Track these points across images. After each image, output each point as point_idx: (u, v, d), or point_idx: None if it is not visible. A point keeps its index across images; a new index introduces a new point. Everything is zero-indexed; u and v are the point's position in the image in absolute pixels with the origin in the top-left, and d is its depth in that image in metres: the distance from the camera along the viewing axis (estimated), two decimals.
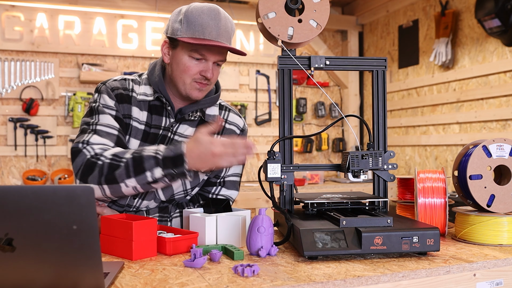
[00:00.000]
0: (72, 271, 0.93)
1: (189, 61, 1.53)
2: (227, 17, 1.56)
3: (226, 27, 1.53)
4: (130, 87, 1.62)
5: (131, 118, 1.59)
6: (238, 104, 4.67)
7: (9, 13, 4.06)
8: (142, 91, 1.61)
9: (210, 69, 1.54)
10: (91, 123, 1.54)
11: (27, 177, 4.02)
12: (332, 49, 5.17)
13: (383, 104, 1.56)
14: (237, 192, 1.77)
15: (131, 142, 1.59)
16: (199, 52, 1.52)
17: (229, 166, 1.41)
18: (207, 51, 1.52)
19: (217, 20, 1.51)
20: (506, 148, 1.50)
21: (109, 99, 1.57)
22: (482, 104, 3.73)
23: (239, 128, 1.74)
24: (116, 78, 1.64)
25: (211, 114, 1.67)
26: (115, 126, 1.54)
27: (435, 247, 1.24)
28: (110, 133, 1.52)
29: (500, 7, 3.28)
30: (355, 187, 4.28)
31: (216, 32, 1.50)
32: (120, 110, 1.57)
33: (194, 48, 1.51)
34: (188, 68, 1.54)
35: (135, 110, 1.59)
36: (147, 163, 1.40)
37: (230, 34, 1.55)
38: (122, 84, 1.61)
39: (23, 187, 0.90)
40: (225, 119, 1.72)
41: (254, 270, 1.09)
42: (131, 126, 1.59)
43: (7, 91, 4.04)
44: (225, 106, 1.75)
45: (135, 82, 1.64)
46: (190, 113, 1.62)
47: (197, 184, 1.67)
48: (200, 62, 1.54)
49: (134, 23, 4.41)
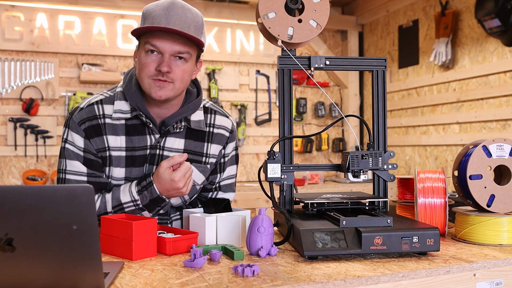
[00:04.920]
0: (72, 271, 0.93)
1: (145, 57, 1.46)
2: (187, 9, 1.47)
3: (182, 16, 1.44)
4: (100, 112, 1.52)
5: (108, 149, 1.52)
6: (238, 104, 4.67)
7: (9, 13, 4.06)
8: (118, 107, 1.52)
9: (165, 62, 1.44)
10: (61, 170, 1.53)
11: (27, 177, 4.02)
12: (332, 49, 5.17)
13: (383, 104, 1.56)
14: (234, 194, 1.77)
15: (115, 172, 1.53)
16: (151, 43, 1.44)
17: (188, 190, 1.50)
18: (158, 40, 1.43)
19: (169, 10, 1.43)
20: (506, 148, 1.50)
21: (78, 137, 1.51)
22: (482, 104, 3.73)
23: (227, 130, 1.68)
24: (83, 105, 1.54)
25: (196, 119, 1.60)
26: (83, 172, 1.52)
27: (435, 247, 1.24)
28: (79, 181, 1.51)
29: (500, 7, 3.28)
30: (355, 187, 4.28)
31: (165, 20, 1.42)
32: (91, 147, 1.51)
33: (146, 40, 1.45)
34: (144, 65, 1.46)
35: (110, 139, 1.52)
36: (134, 213, 1.49)
37: (188, 24, 1.45)
38: (91, 112, 1.52)
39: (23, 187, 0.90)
40: (212, 124, 1.65)
41: (254, 270, 1.09)
42: (109, 157, 1.53)
43: (7, 91, 4.04)
44: (210, 109, 1.67)
45: (106, 102, 1.54)
46: (174, 124, 1.55)
47: (194, 194, 1.67)
48: (156, 56, 1.45)
49: (134, 23, 4.40)
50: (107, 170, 1.54)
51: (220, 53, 4.67)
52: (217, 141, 1.66)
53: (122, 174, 1.54)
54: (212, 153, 1.65)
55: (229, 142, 1.70)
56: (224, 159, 1.70)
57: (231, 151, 1.71)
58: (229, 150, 1.71)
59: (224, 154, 1.69)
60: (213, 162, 1.66)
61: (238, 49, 4.73)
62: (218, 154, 1.67)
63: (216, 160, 1.67)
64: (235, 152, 1.74)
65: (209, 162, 1.65)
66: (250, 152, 4.78)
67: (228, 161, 1.72)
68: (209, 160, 1.65)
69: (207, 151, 1.64)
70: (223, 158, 1.69)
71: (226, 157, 1.70)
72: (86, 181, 1.52)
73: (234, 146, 1.73)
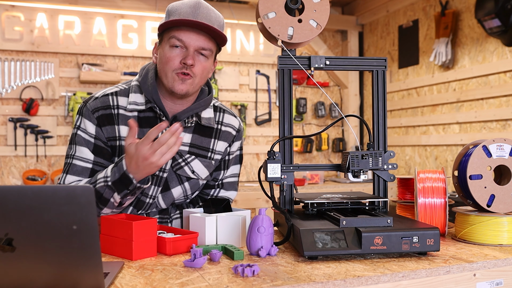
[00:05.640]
0: (72, 271, 0.93)
1: (169, 51, 1.49)
2: (211, 9, 1.53)
3: (207, 14, 1.49)
4: (114, 103, 1.55)
5: (118, 139, 1.54)
6: (238, 104, 4.67)
7: (9, 13, 4.06)
8: (133, 99, 1.55)
9: (190, 55, 1.48)
10: (69, 155, 1.54)
11: (27, 177, 4.02)
12: (332, 49, 5.17)
13: (383, 104, 1.56)
14: (235, 193, 1.78)
15: None
16: (177, 37, 1.48)
17: (167, 160, 1.37)
18: (184, 34, 1.48)
19: (195, 8, 1.49)
20: (506, 148, 1.50)
21: (90, 124, 1.53)
22: (482, 104, 3.73)
23: (234, 129, 1.72)
24: (98, 95, 1.57)
25: (206, 116, 1.64)
26: (90, 159, 1.52)
27: (435, 247, 1.24)
28: (84, 167, 1.52)
29: (500, 7, 3.28)
30: (355, 187, 4.28)
31: (193, 16, 1.47)
32: (101, 135, 1.53)
33: (172, 34, 1.48)
34: (169, 59, 1.49)
35: (122, 129, 1.54)
36: (105, 193, 1.43)
37: (212, 22, 1.50)
38: (104, 102, 1.54)
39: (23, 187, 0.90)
40: (220, 121, 1.68)
41: (254, 270, 1.09)
42: (119, 147, 1.54)
43: (7, 91, 4.04)
44: (219, 107, 1.71)
45: (120, 94, 1.57)
46: (185, 119, 1.58)
47: (197, 189, 1.67)
48: (181, 51, 1.49)
49: (134, 23, 4.40)
50: (115, 160, 1.55)
51: (220, 53, 4.66)
52: (224, 138, 1.68)
53: None
54: (218, 149, 1.67)
55: (235, 141, 1.72)
56: (229, 156, 1.72)
57: (236, 149, 1.74)
58: (234, 149, 1.73)
59: (229, 152, 1.71)
60: (218, 158, 1.68)
61: (238, 49, 4.73)
62: (224, 151, 1.69)
63: (221, 157, 1.69)
64: (239, 152, 1.77)
65: (214, 158, 1.66)
66: (250, 152, 4.78)
67: (233, 160, 1.74)
68: (215, 156, 1.66)
69: (213, 147, 1.65)
70: (228, 156, 1.72)
71: (231, 155, 1.72)
72: (90, 168, 1.53)
73: (240, 146, 1.76)
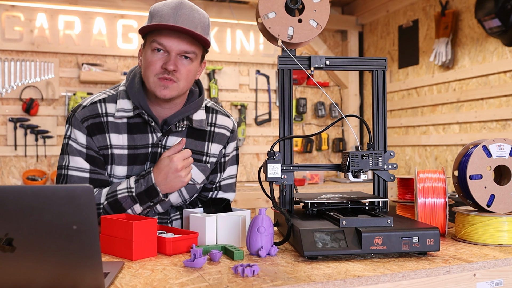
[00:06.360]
0: (72, 271, 0.93)
1: (151, 55, 1.46)
2: (195, 9, 1.48)
3: (190, 16, 1.45)
4: (103, 111, 1.53)
5: (110, 147, 1.53)
6: (238, 104, 4.67)
7: (9, 13, 4.06)
8: (121, 106, 1.52)
9: (172, 60, 1.44)
10: (63, 166, 1.53)
11: (27, 177, 4.02)
12: (332, 49, 5.17)
13: (383, 104, 1.56)
14: (234, 194, 1.76)
15: (117, 170, 1.54)
16: (158, 41, 1.44)
17: (190, 178, 1.49)
18: (165, 38, 1.44)
19: (177, 9, 1.44)
20: (506, 148, 1.50)
21: (80, 134, 1.51)
22: (482, 104, 3.73)
23: (228, 130, 1.69)
24: (86, 103, 1.54)
25: (198, 119, 1.61)
26: (86, 168, 1.51)
27: (435, 247, 1.24)
28: (82, 177, 1.51)
29: (500, 7, 3.28)
30: (355, 187, 4.28)
31: (173, 19, 1.43)
32: (92, 145, 1.52)
33: (153, 38, 1.45)
34: (150, 63, 1.46)
35: (113, 137, 1.53)
36: (125, 203, 1.47)
37: (195, 24, 1.46)
38: (93, 110, 1.52)
39: (23, 187, 0.90)
40: (213, 123, 1.66)
41: (254, 270, 1.09)
42: (111, 155, 1.53)
43: (7, 91, 4.04)
44: (211, 108, 1.68)
45: (108, 100, 1.54)
46: (176, 123, 1.55)
47: (194, 193, 1.66)
48: (162, 55, 1.46)
49: (134, 23, 4.40)
50: (109, 169, 1.54)
51: (220, 53, 4.67)
52: (218, 141, 1.66)
53: (124, 172, 1.54)
54: (212, 152, 1.65)
55: (230, 142, 1.70)
56: (224, 158, 1.70)
57: (231, 151, 1.72)
58: (230, 150, 1.71)
59: (224, 153, 1.69)
60: (214, 161, 1.67)
61: (238, 49, 4.73)
62: (219, 153, 1.67)
63: (217, 159, 1.68)
64: (235, 152, 1.74)
65: (210, 162, 1.65)
66: (250, 152, 4.78)
67: (229, 161, 1.72)
68: (210, 159, 1.65)
69: (207, 150, 1.64)
70: (224, 158, 1.70)
71: (226, 156, 1.70)
72: (88, 178, 1.52)
73: (235, 146, 1.74)
